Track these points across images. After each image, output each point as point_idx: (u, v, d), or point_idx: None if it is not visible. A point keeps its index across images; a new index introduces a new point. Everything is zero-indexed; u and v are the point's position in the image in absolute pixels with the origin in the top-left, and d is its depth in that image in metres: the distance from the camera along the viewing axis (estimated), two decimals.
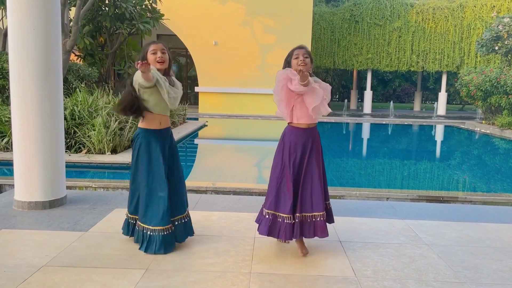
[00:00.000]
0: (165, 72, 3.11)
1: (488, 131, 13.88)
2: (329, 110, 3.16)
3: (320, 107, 3.06)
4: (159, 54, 3.04)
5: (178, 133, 10.22)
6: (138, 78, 2.93)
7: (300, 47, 3.09)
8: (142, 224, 3.10)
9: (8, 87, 9.20)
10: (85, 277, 2.71)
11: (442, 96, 20.51)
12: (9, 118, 7.24)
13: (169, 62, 3.12)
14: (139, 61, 2.72)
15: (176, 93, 3.09)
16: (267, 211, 3.09)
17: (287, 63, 3.10)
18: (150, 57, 3.04)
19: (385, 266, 3.01)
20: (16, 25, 3.89)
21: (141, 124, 3.11)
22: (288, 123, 3.15)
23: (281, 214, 3.04)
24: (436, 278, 2.85)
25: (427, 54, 19.90)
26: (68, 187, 4.61)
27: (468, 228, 3.90)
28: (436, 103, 20.53)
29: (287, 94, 3.01)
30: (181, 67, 21.54)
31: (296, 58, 3.03)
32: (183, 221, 3.21)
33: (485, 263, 3.13)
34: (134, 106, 3.04)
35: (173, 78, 3.19)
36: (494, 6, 18.98)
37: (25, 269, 2.80)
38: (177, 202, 3.16)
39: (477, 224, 4.02)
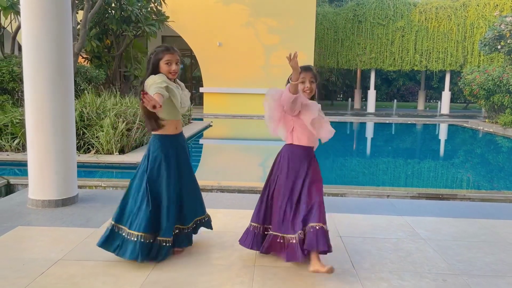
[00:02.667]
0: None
1: (491, 130, 13.96)
2: (333, 131, 2.98)
3: (320, 128, 2.93)
4: (173, 67, 2.93)
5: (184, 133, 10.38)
6: (151, 91, 2.80)
7: (307, 69, 2.91)
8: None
9: (18, 90, 9.44)
10: (99, 270, 2.88)
11: (446, 95, 20.58)
12: (20, 119, 7.45)
13: None
14: (143, 95, 2.54)
15: (187, 101, 3.06)
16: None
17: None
18: (163, 66, 2.91)
19: (382, 260, 3.16)
20: (30, 31, 4.07)
21: (157, 131, 3.01)
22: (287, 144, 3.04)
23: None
24: (430, 270, 2.99)
25: (430, 53, 19.99)
26: (79, 187, 4.77)
27: (464, 224, 4.04)
28: (439, 102, 20.60)
29: (282, 115, 2.93)
30: (186, 68, 21.75)
31: (302, 82, 2.89)
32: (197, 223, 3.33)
33: (478, 256, 3.27)
34: (154, 118, 2.97)
35: (179, 82, 3.14)
36: (497, 5, 19.03)
37: (42, 263, 2.98)
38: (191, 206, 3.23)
39: (474, 220, 4.16)
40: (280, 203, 2.94)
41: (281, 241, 2.90)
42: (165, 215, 2.97)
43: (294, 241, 2.82)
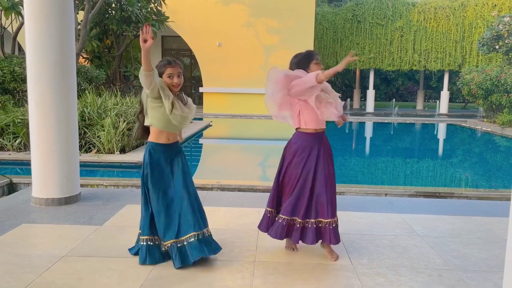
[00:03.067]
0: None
1: (489, 129, 14.04)
2: (339, 112, 3.07)
3: (325, 108, 3.00)
4: (175, 79, 2.95)
5: (183, 133, 10.44)
6: (144, 85, 2.88)
7: (317, 53, 3.10)
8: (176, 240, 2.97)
9: (19, 90, 9.49)
10: (103, 266, 2.96)
11: (444, 94, 20.66)
12: (21, 119, 7.51)
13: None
14: (146, 25, 2.70)
15: (185, 113, 2.99)
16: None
17: (298, 66, 3.00)
18: (165, 80, 2.94)
19: (380, 255, 3.23)
20: (33, 32, 4.14)
21: (150, 138, 3.07)
22: (296, 129, 3.12)
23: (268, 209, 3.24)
24: (427, 266, 3.07)
25: (429, 53, 20.06)
26: (81, 185, 4.84)
27: (460, 221, 4.11)
28: (438, 101, 20.69)
29: (286, 98, 3.02)
30: (186, 67, 21.82)
31: (317, 63, 3.03)
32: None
33: (473, 252, 3.35)
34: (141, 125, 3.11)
35: (185, 96, 3.12)
36: (495, 5, 19.11)
37: (47, 259, 3.05)
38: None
39: (470, 218, 4.23)
40: (292, 190, 3.07)
41: (293, 223, 3.07)
42: (157, 219, 3.01)
43: (308, 225, 3.05)
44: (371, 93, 21.03)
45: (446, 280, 2.86)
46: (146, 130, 3.12)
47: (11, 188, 5.51)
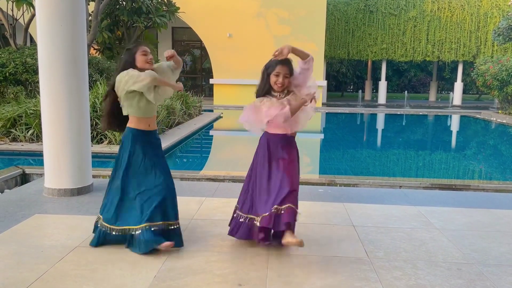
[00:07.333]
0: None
1: (504, 121, 13.78)
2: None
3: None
4: (150, 56, 3.11)
5: (194, 125, 10.44)
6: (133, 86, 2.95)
7: (283, 63, 2.91)
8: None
9: (31, 81, 9.53)
10: (116, 257, 2.93)
11: (458, 86, 20.34)
12: (34, 110, 7.53)
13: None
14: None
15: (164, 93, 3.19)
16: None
17: (267, 75, 2.98)
18: (140, 58, 3.05)
19: (396, 249, 3.16)
20: (45, 22, 4.10)
21: (130, 124, 3.11)
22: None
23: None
24: (445, 259, 2.99)
25: (442, 43, 19.73)
26: (93, 176, 4.82)
27: (478, 214, 4.01)
28: (451, 93, 20.38)
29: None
30: (196, 59, 21.75)
31: (276, 76, 2.93)
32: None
33: (493, 246, 3.26)
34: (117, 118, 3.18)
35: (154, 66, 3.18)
36: None
37: (60, 249, 3.03)
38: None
39: (488, 211, 4.13)
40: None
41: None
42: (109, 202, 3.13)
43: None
44: (383, 85, 20.79)
45: (466, 274, 2.78)
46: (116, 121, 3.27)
47: (24, 178, 5.53)
